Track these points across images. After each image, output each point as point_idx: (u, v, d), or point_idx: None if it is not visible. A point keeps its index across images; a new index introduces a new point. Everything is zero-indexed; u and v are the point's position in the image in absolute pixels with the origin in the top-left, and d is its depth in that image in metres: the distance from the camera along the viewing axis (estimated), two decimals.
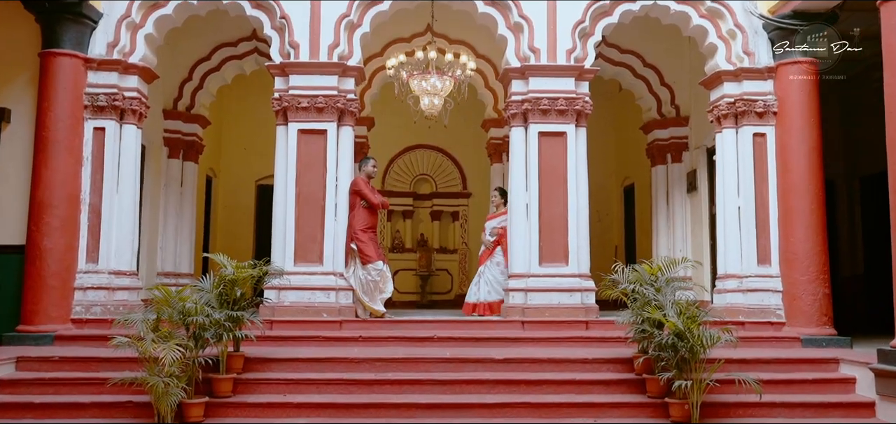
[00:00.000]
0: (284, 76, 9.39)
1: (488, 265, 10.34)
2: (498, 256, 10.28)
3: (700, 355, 6.79)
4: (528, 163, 9.49)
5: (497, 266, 10.25)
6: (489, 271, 10.29)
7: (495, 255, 10.32)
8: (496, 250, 10.33)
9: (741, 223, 9.46)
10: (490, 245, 10.44)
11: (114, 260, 9.11)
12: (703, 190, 11.61)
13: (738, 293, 9.32)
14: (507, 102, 9.73)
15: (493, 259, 10.33)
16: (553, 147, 9.46)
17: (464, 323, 9.35)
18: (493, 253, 10.36)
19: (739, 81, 9.51)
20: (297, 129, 9.30)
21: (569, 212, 9.37)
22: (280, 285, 8.90)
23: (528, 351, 8.21)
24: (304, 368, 7.65)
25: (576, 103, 9.45)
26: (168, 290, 6.71)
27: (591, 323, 9.08)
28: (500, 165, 12.60)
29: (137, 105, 9.34)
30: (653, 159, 12.56)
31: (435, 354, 7.94)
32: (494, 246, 10.37)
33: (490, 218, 10.79)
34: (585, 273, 9.42)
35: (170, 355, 6.10)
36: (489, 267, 10.32)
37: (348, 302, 9.23)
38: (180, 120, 11.91)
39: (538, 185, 9.41)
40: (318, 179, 9.27)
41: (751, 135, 9.45)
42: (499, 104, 12.38)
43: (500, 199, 10.70)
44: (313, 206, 9.24)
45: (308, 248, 9.18)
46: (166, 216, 11.78)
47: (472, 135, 15.21)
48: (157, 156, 11.63)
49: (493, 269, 10.27)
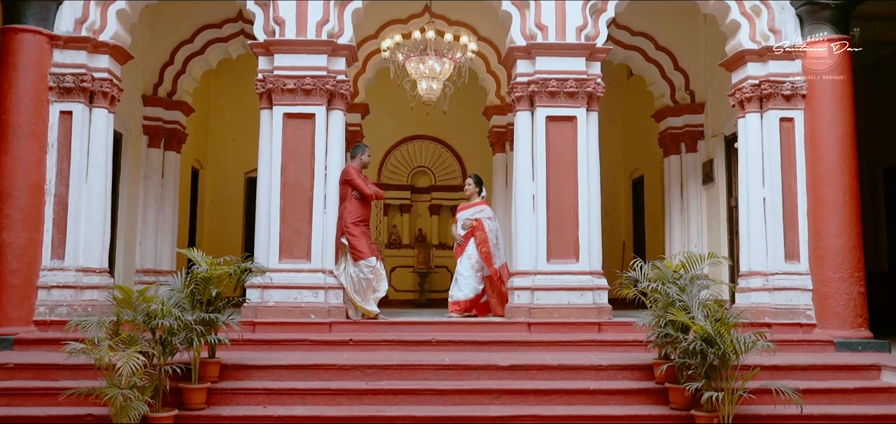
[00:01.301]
0: (269, 55, 8.60)
1: (461, 260, 9.54)
2: (470, 249, 9.49)
3: (732, 362, 6.03)
4: (535, 150, 8.71)
5: (468, 260, 9.46)
6: (461, 266, 9.52)
7: (468, 249, 9.52)
8: (469, 244, 9.52)
9: (767, 216, 8.67)
10: (461, 239, 9.63)
11: (82, 257, 8.32)
12: (721, 181, 10.86)
13: (764, 292, 8.54)
14: (512, 84, 8.95)
15: (466, 252, 9.52)
16: (562, 133, 8.68)
17: (464, 325, 8.57)
18: (465, 248, 9.55)
19: (765, 61, 8.73)
20: (282, 114, 8.52)
21: (579, 204, 8.59)
22: (263, 284, 8.15)
23: (536, 357, 7.44)
24: (288, 376, 6.88)
25: (587, 85, 8.67)
26: (128, 290, 5.93)
27: (604, 325, 8.31)
28: (502, 155, 11.82)
29: (109, 87, 8.55)
30: (665, 149, 11.80)
31: (433, 360, 7.17)
32: (467, 240, 9.55)
33: (462, 208, 9.90)
34: (597, 270, 8.65)
35: (129, 364, 5.31)
36: (462, 262, 9.52)
37: (338, 302, 8.45)
38: (161, 106, 11.13)
39: (546, 174, 8.63)
40: (306, 168, 8.49)
41: (777, 119, 8.66)
42: (502, 89, 11.61)
43: (474, 188, 9.81)
44: (300, 198, 8.46)
45: (294, 243, 8.41)
46: (146, 209, 11.01)
47: (473, 125, 14.51)
48: (135, 144, 10.86)
49: (463, 264, 9.49)
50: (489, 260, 9.40)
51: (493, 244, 9.47)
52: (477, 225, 9.49)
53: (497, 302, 9.38)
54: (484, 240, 9.45)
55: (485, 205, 9.77)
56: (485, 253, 9.41)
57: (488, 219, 9.61)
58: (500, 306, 9.25)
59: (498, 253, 9.52)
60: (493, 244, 9.48)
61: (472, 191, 9.82)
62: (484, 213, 9.63)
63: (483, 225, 9.51)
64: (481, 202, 9.77)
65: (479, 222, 9.51)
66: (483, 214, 9.62)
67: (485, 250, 9.42)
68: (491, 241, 9.46)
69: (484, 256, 9.40)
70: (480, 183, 9.86)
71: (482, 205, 9.74)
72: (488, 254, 9.41)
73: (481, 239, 9.46)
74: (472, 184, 9.85)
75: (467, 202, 9.87)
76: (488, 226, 9.54)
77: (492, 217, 9.72)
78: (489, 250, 9.42)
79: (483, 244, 9.45)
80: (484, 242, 9.44)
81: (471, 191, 9.83)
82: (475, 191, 9.79)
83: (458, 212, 9.91)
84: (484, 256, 9.40)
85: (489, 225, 9.55)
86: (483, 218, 9.56)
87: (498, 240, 9.58)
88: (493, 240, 9.48)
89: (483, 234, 9.47)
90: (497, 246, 9.54)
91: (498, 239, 9.59)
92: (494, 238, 9.53)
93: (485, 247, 9.43)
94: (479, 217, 9.54)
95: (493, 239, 9.51)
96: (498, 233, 9.63)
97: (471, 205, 9.76)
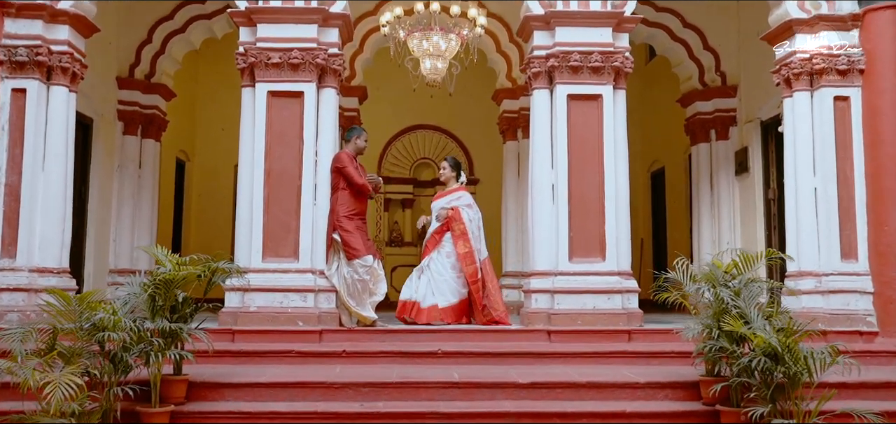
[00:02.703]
0: (251, 25, 7.55)
1: (435, 257, 8.12)
2: (447, 245, 8.13)
3: (802, 381, 4.97)
4: (555, 133, 7.65)
5: (447, 258, 8.09)
6: (436, 264, 8.09)
7: (444, 244, 8.15)
8: (444, 237, 8.16)
9: (818, 209, 7.60)
10: (433, 233, 8.27)
11: (37, 255, 7.28)
12: (757, 171, 9.80)
13: (816, 295, 7.46)
14: (528, 59, 7.88)
15: (441, 249, 8.15)
16: (585, 113, 7.62)
17: (475, 334, 7.48)
18: (441, 243, 8.19)
19: (816, 32, 7.65)
20: (266, 92, 7.47)
21: (605, 194, 7.53)
22: (244, 286, 7.10)
23: (559, 371, 6.38)
24: (269, 395, 5.84)
25: (614, 59, 7.61)
26: (65, 295, 4.87)
27: (634, 333, 7.25)
28: (514, 143, 10.73)
29: (69, 62, 7.49)
30: (693, 136, 10.74)
31: (440, 376, 6.11)
32: (441, 234, 8.21)
33: (437, 197, 8.52)
34: (626, 270, 7.59)
35: (60, 388, 4.25)
36: (436, 260, 8.10)
37: (330, 307, 7.38)
38: (138, 89, 10.08)
39: (567, 161, 7.57)
40: (293, 153, 7.44)
41: (830, 98, 7.59)
42: (513, 71, 10.54)
43: (450, 173, 8.42)
44: (286, 187, 7.41)
45: (280, 239, 7.36)
46: (120, 203, 9.96)
47: (481, 113, 13.47)
48: (108, 131, 9.81)
49: (441, 262, 8.09)
50: (470, 258, 8.00)
51: (473, 237, 8.10)
52: (453, 215, 8.13)
53: (477, 309, 8.04)
54: (463, 233, 8.06)
55: (463, 192, 8.38)
56: (464, 251, 8.01)
57: (467, 207, 8.22)
58: (482, 313, 7.97)
59: (479, 248, 8.17)
60: (474, 236, 8.11)
61: (448, 176, 8.43)
62: (462, 200, 8.25)
63: (460, 215, 8.12)
64: (459, 188, 8.38)
65: (456, 211, 8.13)
66: (461, 201, 8.23)
67: (464, 247, 8.02)
68: (471, 234, 8.09)
69: (463, 256, 8.00)
70: (458, 167, 8.51)
71: (460, 192, 8.35)
72: (469, 252, 8.02)
73: (459, 232, 8.06)
74: (448, 169, 8.45)
75: (444, 189, 8.53)
76: (467, 216, 8.15)
77: (471, 205, 8.30)
78: (470, 246, 8.03)
79: (462, 237, 8.05)
80: (463, 235, 8.05)
81: (447, 176, 8.44)
82: (452, 177, 8.42)
83: (434, 201, 8.52)
84: (463, 256, 8.00)
85: (468, 215, 8.16)
86: (460, 206, 8.18)
87: (479, 233, 8.23)
88: (473, 233, 8.12)
89: (461, 226, 8.08)
90: (478, 239, 8.18)
91: (479, 231, 8.23)
92: (475, 229, 8.18)
93: (464, 242, 8.04)
94: (455, 205, 8.18)
95: (474, 231, 8.15)
96: (479, 225, 8.26)
97: (447, 192, 8.41)
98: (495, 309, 7.94)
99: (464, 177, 8.55)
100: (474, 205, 8.35)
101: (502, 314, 7.92)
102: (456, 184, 8.42)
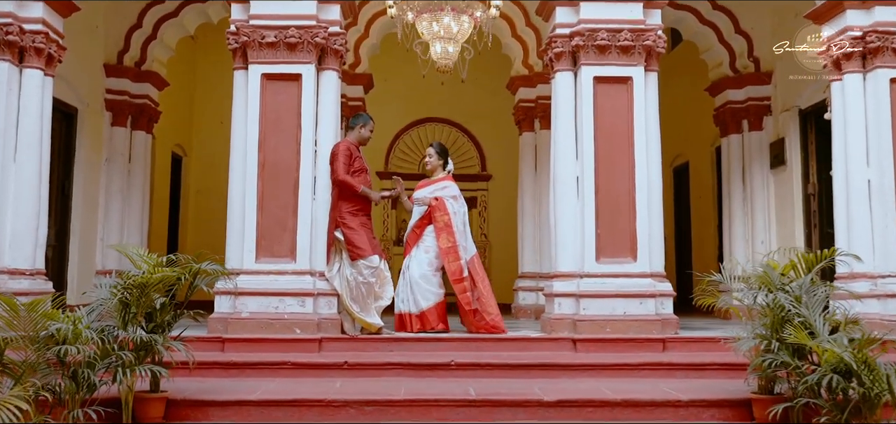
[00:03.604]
0: (244, 1, 6.85)
1: (414, 254, 7.22)
2: (428, 238, 7.21)
3: (883, 401, 4.22)
4: (580, 120, 6.93)
5: (425, 254, 7.15)
6: (415, 263, 7.15)
7: (425, 238, 7.23)
8: (426, 231, 7.24)
9: (873, 203, 6.85)
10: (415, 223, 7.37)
11: (8, 255, 6.60)
12: (795, 163, 9.05)
13: (872, 299, 6.71)
14: (550, 38, 7.15)
15: (421, 244, 7.22)
16: (614, 98, 6.89)
17: (492, 342, 6.73)
18: (421, 236, 7.27)
19: (869, 8, 6.91)
20: (260, 74, 6.78)
21: (637, 188, 6.80)
22: (235, 289, 6.40)
23: (588, 387, 5.65)
24: (260, 415, 5.12)
25: (645, 37, 6.89)
26: (11, 302, 4.15)
27: (670, 342, 6.51)
28: (531, 135, 9.97)
29: (44, 42, 6.79)
30: (723, 127, 9.99)
31: (454, 392, 5.38)
32: (422, 228, 7.29)
33: (421, 186, 7.55)
34: (660, 272, 6.86)
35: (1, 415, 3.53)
36: (416, 257, 7.18)
37: (331, 313, 6.67)
38: (127, 77, 9.40)
39: (593, 151, 6.85)
40: (290, 142, 6.74)
41: (887, 81, 6.85)
42: (530, 57, 9.79)
43: (437, 161, 7.47)
44: (283, 180, 6.71)
45: (275, 238, 6.65)
46: (108, 200, 9.28)
47: (493, 106, 12.77)
48: (95, 122, 9.13)
49: (419, 260, 7.14)
50: (454, 254, 7.05)
51: (458, 232, 7.17)
52: (437, 205, 7.20)
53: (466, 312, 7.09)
54: (447, 225, 7.11)
55: (449, 182, 7.44)
56: (447, 246, 7.07)
57: (452, 199, 7.28)
58: (472, 316, 7.03)
59: (465, 244, 7.24)
60: (459, 231, 7.18)
61: (434, 164, 7.48)
62: (447, 191, 7.32)
63: (444, 206, 7.19)
64: (446, 178, 7.46)
65: (440, 201, 7.20)
66: (446, 192, 7.30)
67: (448, 241, 7.08)
68: (456, 228, 7.16)
69: (446, 251, 7.06)
70: (446, 154, 7.57)
71: (446, 182, 7.42)
72: (453, 247, 7.07)
73: (443, 224, 7.12)
74: (434, 156, 7.48)
75: (429, 179, 7.57)
76: (452, 208, 7.22)
77: (457, 196, 7.34)
78: (454, 241, 7.09)
79: (445, 230, 7.10)
80: (447, 228, 7.11)
81: (434, 164, 7.48)
82: (439, 165, 7.47)
83: (417, 191, 7.53)
84: (446, 251, 7.06)
85: (453, 207, 7.23)
86: (445, 197, 7.25)
87: (465, 229, 7.33)
88: (458, 228, 7.19)
89: (445, 217, 7.14)
90: (464, 235, 7.27)
91: (465, 226, 7.33)
92: (460, 224, 7.25)
93: (447, 236, 7.10)
94: (439, 195, 7.26)
95: (459, 225, 7.22)
96: (465, 220, 7.36)
97: (432, 181, 7.49)
98: (488, 314, 7.01)
99: (451, 166, 7.60)
100: (460, 197, 7.41)
101: (496, 319, 7.01)
102: (443, 173, 7.47)
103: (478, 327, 6.99)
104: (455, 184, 7.48)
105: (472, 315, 7.02)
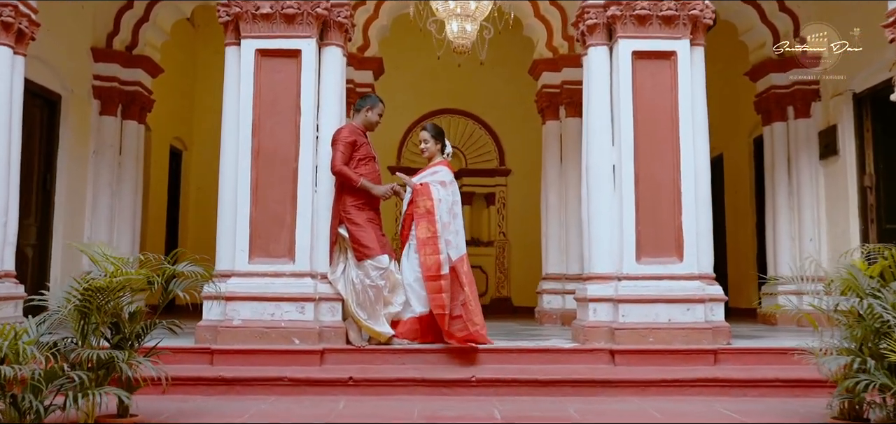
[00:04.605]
0: None
1: (407, 253, 6.10)
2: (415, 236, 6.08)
3: None
4: (617, 101, 6.11)
5: (416, 253, 5.98)
6: (408, 264, 6.04)
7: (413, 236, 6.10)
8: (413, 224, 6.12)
9: None
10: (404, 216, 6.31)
11: None
12: (848, 153, 8.18)
13: None
14: (582, 8, 6.33)
15: (413, 241, 6.06)
16: (655, 75, 6.08)
17: (517, 354, 5.88)
18: (410, 233, 6.15)
19: None
20: (254, 50, 6.02)
21: (682, 177, 5.98)
22: (226, 293, 5.63)
23: (633, 408, 4.84)
24: None
25: (691, 6, 6.08)
26: None
27: (722, 354, 5.68)
28: (555, 123, 9.12)
29: (13, 16, 6.03)
30: (766, 115, 9.14)
31: (476, 414, 4.60)
32: (408, 223, 6.17)
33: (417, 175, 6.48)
34: (708, 273, 6.03)
35: None
36: (407, 257, 6.08)
37: (335, 321, 5.87)
38: (117, 62, 8.63)
39: (633, 135, 6.03)
40: (288, 127, 5.97)
41: None
42: (554, 39, 8.96)
43: (434, 146, 6.33)
44: (279, 169, 5.94)
45: (271, 235, 5.88)
46: (96, 195, 8.50)
47: (513, 96, 12.03)
48: (82, 111, 8.37)
49: (412, 260, 6.01)
50: (432, 245, 5.86)
51: (441, 222, 5.97)
52: (420, 190, 6.06)
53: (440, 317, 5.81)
54: (428, 212, 5.97)
55: (442, 166, 6.30)
56: (426, 236, 5.90)
57: (440, 184, 6.12)
58: (460, 322, 5.79)
59: (454, 240, 6.01)
60: (442, 222, 5.98)
61: (432, 149, 6.34)
62: (436, 176, 6.18)
63: (428, 191, 6.06)
64: (442, 163, 6.33)
65: (424, 186, 6.09)
66: (435, 177, 6.17)
67: (427, 230, 5.91)
68: (439, 218, 5.96)
69: (423, 241, 5.89)
70: (442, 136, 6.46)
71: (437, 166, 6.29)
72: (433, 237, 5.88)
73: (424, 210, 5.97)
74: (430, 141, 6.33)
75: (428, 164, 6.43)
76: (437, 194, 6.05)
77: (446, 182, 6.17)
78: (434, 231, 5.91)
79: (425, 217, 5.95)
80: (427, 215, 5.95)
81: (431, 150, 6.34)
82: (436, 150, 6.35)
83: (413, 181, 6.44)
84: (423, 241, 5.89)
85: (438, 193, 6.06)
86: (432, 182, 6.12)
87: (453, 220, 6.09)
88: (442, 218, 5.99)
89: (428, 203, 5.98)
90: (452, 228, 6.05)
91: (453, 216, 6.10)
92: (446, 214, 6.05)
93: (427, 225, 5.93)
94: (426, 180, 6.15)
95: (444, 214, 6.02)
96: (454, 210, 6.13)
97: (428, 167, 6.40)
98: (472, 323, 5.79)
99: (449, 149, 6.50)
100: (451, 184, 6.23)
101: (480, 329, 5.82)
102: (440, 158, 6.36)
103: (457, 335, 5.76)
104: (448, 170, 6.31)
105: (451, 320, 5.78)
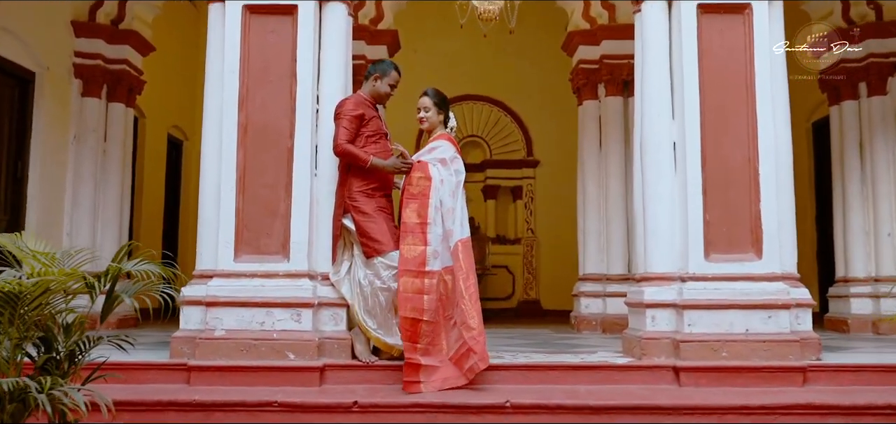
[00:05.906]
0: None
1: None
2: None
3: None
4: (678, 65, 5.08)
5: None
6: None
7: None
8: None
9: None
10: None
11: None
12: None
13: None
14: None
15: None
16: (726, 34, 5.04)
17: (561, 371, 4.85)
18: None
19: None
20: (241, 7, 5.06)
21: (760, 156, 4.93)
22: (207, 298, 4.66)
23: None
24: None
25: None
26: None
27: (811, 371, 4.64)
28: (594, 104, 8.08)
29: None
30: (833, 94, 8.17)
31: None
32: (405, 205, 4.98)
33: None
34: (792, 273, 4.98)
35: None
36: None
37: (338, 330, 4.88)
38: (101, 38, 7.77)
39: (699, 107, 4.99)
40: (282, 99, 4.99)
41: None
42: (592, 8, 7.97)
43: (437, 116, 5.12)
44: (272, 149, 4.96)
45: (261, 228, 4.90)
46: (77, 186, 7.63)
47: (541, 81, 11.15)
48: (60, 91, 7.49)
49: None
50: (419, 234, 4.76)
51: (444, 208, 4.85)
52: (416, 166, 4.96)
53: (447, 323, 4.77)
54: (422, 195, 4.86)
55: (442, 141, 5.09)
56: (415, 221, 4.80)
57: (439, 162, 4.96)
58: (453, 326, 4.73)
59: (450, 226, 4.82)
60: (444, 208, 4.85)
61: (434, 120, 5.13)
62: (435, 152, 5.02)
63: (426, 169, 4.92)
64: (442, 137, 5.12)
65: (421, 164, 4.96)
66: (432, 154, 5.00)
67: (418, 215, 4.81)
68: (432, 203, 4.84)
69: (411, 227, 4.80)
70: (446, 104, 5.21)
71: (438, 141, 5.09)
72: (421, 225, 4.79)
73: (418, 192, 4.87)
74: (432, 109, 5.12)
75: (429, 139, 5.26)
76: (437, 174, 4.91)
77: (447, 159, 4.98)
78: (425, 218, 4.81)
79: (418, 200, 4.85)
80: (420, 198, 4.85)
81: (433, 120, 5.13)
82: (438, 121, 5.14)
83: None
84: (411, 227, 4.80)
85: (439, 173, 4.92)
86: (430, 160, 4.96)
87: (454, 202, 4.88)
88: (445, 202, 4.85)
89: (423, 183, 4.88)
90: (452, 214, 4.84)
91: (454, 198, 4.89)
92: (449, 198, 4.88)
93: (418, 210, 4.83)
94: (424, 159, 4.99)
95: (447, 198, 4.88)
96: (455, 191, 4.91)
97: (429, 141, 5.22)
98: (468, 329, 4.64)
99: (454, 121, 5.26)
100: (454, 161, 5.00)
101: (477, 336, 4.62)
102: (442, 130, 5.18)
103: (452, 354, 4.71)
104: (450, 145, 5.09)
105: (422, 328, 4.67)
